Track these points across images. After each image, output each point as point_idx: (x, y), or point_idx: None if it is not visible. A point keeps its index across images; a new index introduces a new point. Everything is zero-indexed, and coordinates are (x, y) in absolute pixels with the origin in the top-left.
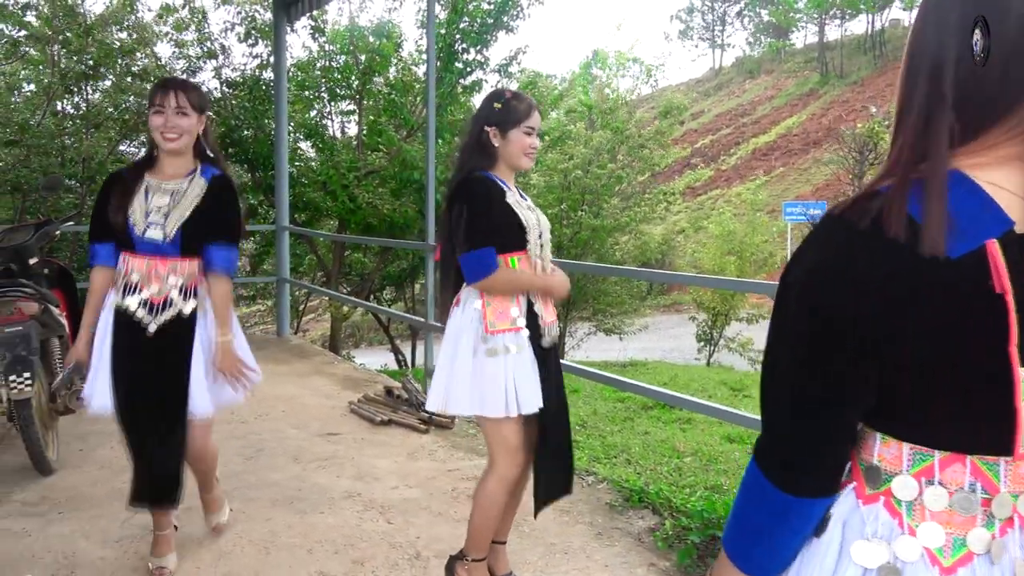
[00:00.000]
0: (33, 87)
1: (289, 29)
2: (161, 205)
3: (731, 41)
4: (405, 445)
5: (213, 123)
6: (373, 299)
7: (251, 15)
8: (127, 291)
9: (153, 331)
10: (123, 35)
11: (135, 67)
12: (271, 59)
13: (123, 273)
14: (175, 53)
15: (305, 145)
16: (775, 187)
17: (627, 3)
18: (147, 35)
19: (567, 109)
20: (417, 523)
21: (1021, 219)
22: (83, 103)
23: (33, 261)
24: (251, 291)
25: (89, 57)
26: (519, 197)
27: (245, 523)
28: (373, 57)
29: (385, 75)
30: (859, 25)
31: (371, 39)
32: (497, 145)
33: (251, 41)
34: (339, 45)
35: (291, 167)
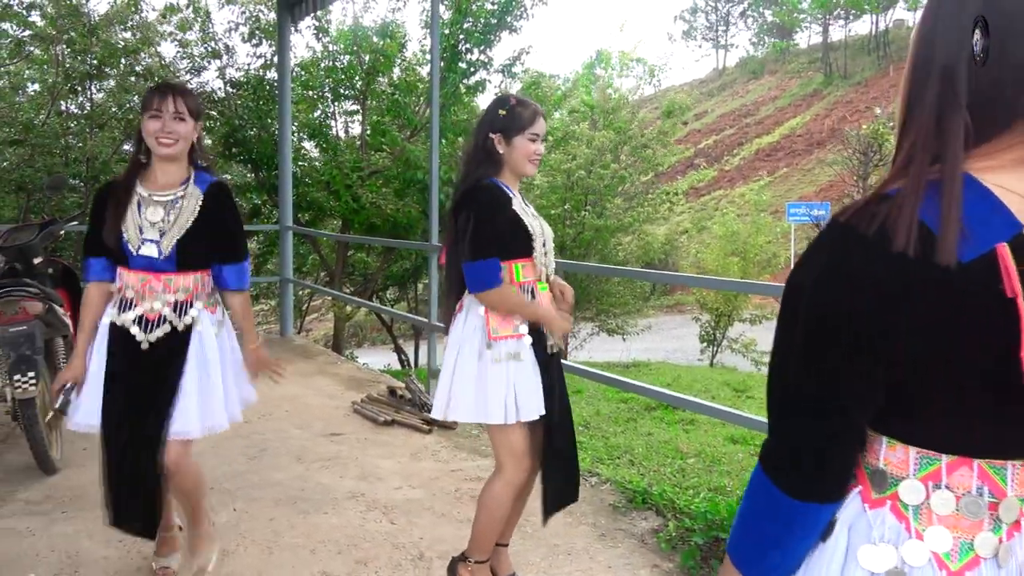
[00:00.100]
0: (37, 87)
1: (293, 29)
2: (156, 220)
3: (735, 41)
4: (408, 445)
5: (217, 123)
6: (376, 299)
7: (255, 15)
8: (123, 307)
9: (147, 347)
10: (127, 35)
11: (139, 67)
12: (275, 59)
13: (119, 288)
14: (179, 53)
15: (309, 145)
16: (779, 188)
17: (631, 3)
18: (151, 35)
19: (570, 109)
20: (420, 524)
21: None
22: (87, 103)
23: (37, 260)
24: (254, 291)
25: (93, 57)
26: (523, 205)
27: (248, 523)
28: (377, 57)
29: (389, 75)
30: (863, 25)
31: (375, 39)
32: (502, 152)
33: (255, 41)
34: (343, 45)
35: (295, 167)
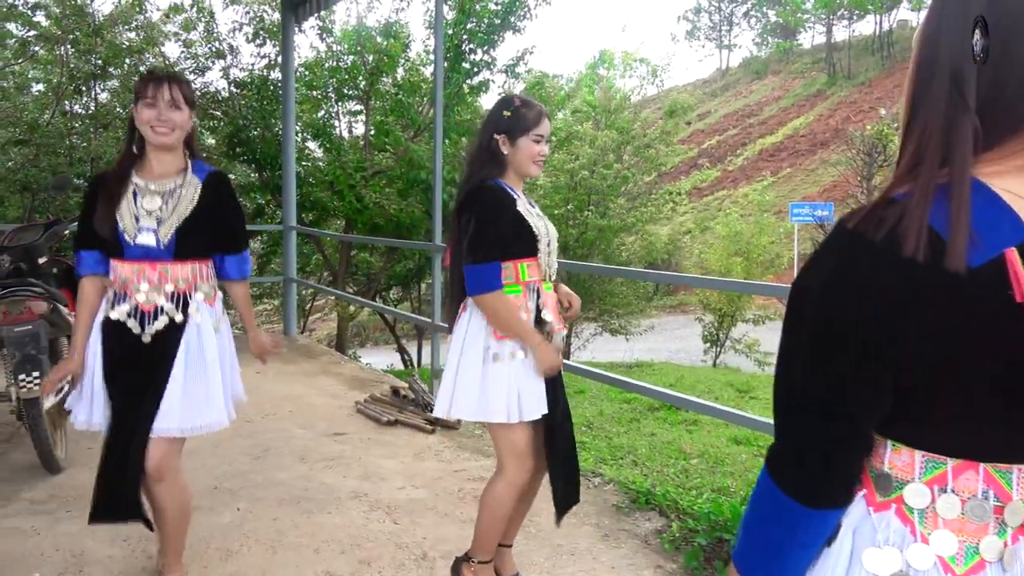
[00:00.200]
0: (42, 87)
1: (297, 29)
2: (152, 209)
3: (738, 42)
4: (411, 445)
5: (221, 123)
6: (379, 299)
7: (259, 15)
8: (117, 301)
9: (147, 341)
10: (132, 35)
11: (143, 67)
12: (279, 59)
13: (113, 281)
14: (183, 53)
15: (312, 145)
16: (782, 188)
17: (635, 3)
18: (155, 35)
19: (573, 110)
20: (423, 523)
21: None
22: (92, 103)
23: (42, 260)
24: (258, 290)
25: (98, 57)
26: (528, 205)
27: (252, 522)
28: (381, 57)
29: (393, 75)
30: (867, 26)
31: (379, 39)
32: (506, 153)
33: (259, 41)
34: (347, 45)
35: (298, 167)
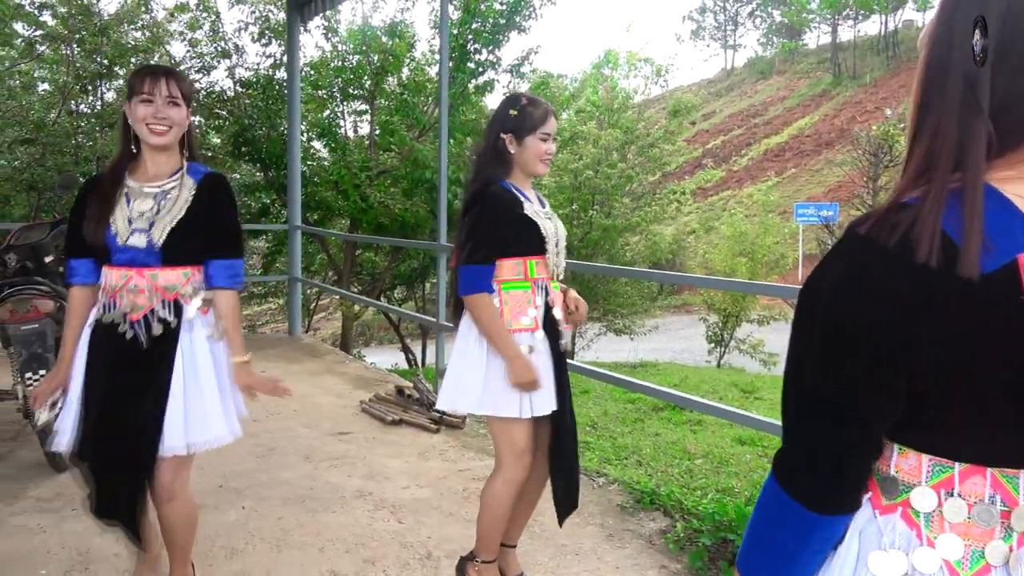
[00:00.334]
0: (48, 86)
1: (302, 29)
2: (144, 211)
3: (743, 42)
4: (416, 445)
5: (227, 122)
6: (384, 298)
7: (265, 15)
8: (105, 310)
9: (135, 352)
10: (137, 34)
11: None
12: (284, 59)
13: (102, 288)
14: (189, 52)
15: (318, 144)
16: (787, 188)
17: (639, 4)
18: (161, 34)
19: (577, 109)
20: (428, 523)
21: None
22: (98, 102)
23: (49, 259)
24: (263, 289)
25: (104, 56)
26: (538, 206)
27: (257, 521)
28: (386, 57)
29: (398, 75)
30: (872, 26)
31: (384, 39)
32: (513, 152)
33: (265, 41)
34: (352, 45)
35: (304, 166)
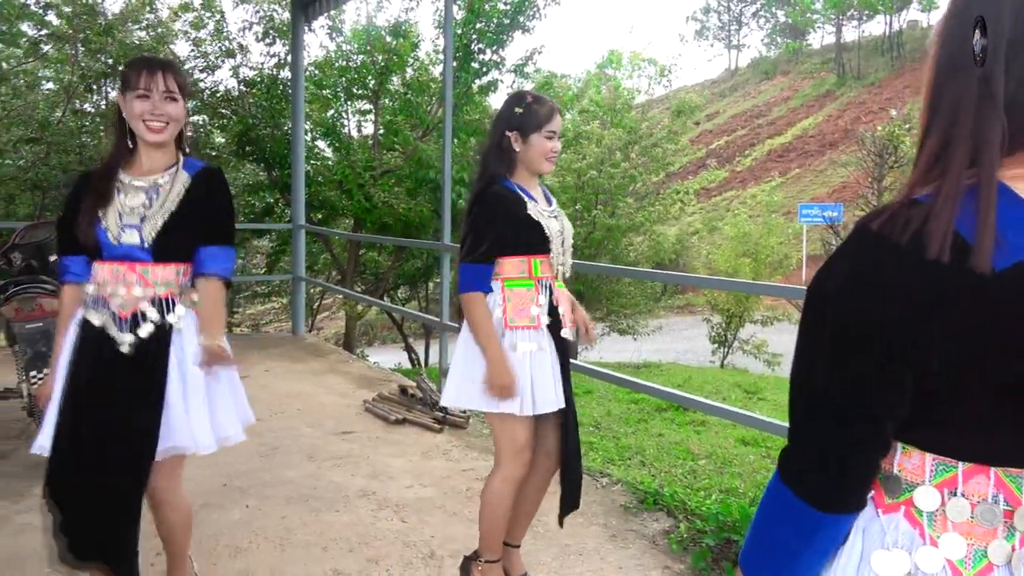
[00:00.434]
0: (52, 85)
1: (307, 28)
2: (135, 205)
3: (747, 42)
4: (419, 444)
5: (231, 122)
6: (387, 298)
7: (269, 14)
8: (94, 306)
9: (125, 351)
10: (142, 33)
11: None
12: (289, 58)
13: (92, 283)
14: (193, 51)
15: (322, 144)
16: (791, 189)
17: (643, 4)
18: (165, 33)
19: (580, 109)
20: (431, 522)
21: None
22: (102, 101)
23: (53, 258)
24: (267, 288)
25: (108, 56)
26: (544, 205)
27: (260, 520)
28: (390, 57)
29: (402, 75)
30: (877, 26)
31: (388, 39)
32: (518, 150)
33: (269, 40)
34: (356, 45)
35: (308, 166)
